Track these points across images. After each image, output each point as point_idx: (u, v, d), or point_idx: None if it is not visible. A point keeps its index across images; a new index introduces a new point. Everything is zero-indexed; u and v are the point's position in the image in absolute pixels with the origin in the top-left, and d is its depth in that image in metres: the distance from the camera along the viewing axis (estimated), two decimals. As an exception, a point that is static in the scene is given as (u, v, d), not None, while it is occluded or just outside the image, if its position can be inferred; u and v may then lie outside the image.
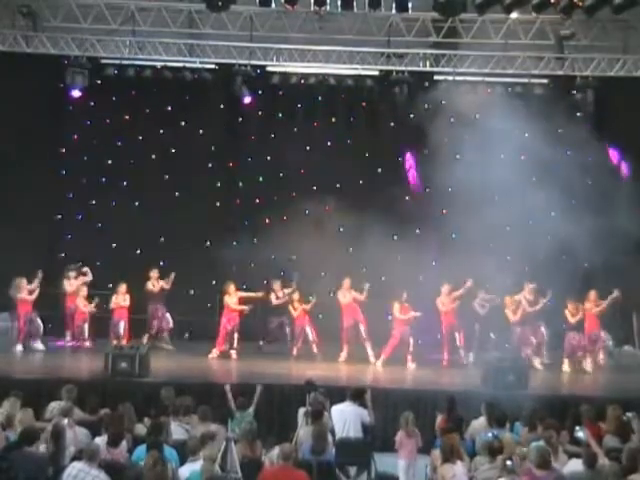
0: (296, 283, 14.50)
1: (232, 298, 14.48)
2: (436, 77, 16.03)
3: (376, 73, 16.17)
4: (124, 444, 8.46)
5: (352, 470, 9.54)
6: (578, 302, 14.09)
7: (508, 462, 7.72)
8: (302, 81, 16.54)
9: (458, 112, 15.14)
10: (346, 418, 9.78)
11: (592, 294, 14.17)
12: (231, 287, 14.52)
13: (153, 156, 16.61)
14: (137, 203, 16.47)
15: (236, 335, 14.36)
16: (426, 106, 15.76)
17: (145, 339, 14.78)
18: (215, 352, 14.33)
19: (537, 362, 14.15)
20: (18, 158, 15.63)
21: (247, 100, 15.51)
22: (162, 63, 15.72)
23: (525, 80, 15.66)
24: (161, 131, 16.57)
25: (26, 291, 14.31)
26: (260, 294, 14.64)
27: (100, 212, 16.22)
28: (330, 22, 14.92)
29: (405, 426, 9.55)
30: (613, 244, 13.76)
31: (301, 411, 9.89)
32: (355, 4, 14.10)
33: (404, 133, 16.54)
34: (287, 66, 15.93)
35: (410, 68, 15.48)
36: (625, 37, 14.94)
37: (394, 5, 14.30)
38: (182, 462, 8.09)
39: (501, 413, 9.54)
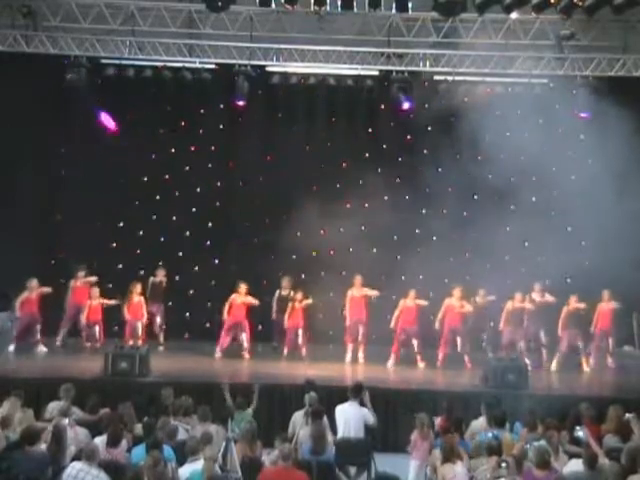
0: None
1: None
2: (436, 77, 16.03)
3: (376, 73, 16.14)
4: (124, 444, 8.47)
5: (352, 470, 9.54)
6: None
7: (503, 464, 7.71)
8: (302, 81, 16.50)
9: (458, 112, 15.16)
10: (347, 418, 9.75)
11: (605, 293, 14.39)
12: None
13: (153, 156, 16.60)
14: (137, 203, 16.46)
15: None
16: (426, 106, 15.77)
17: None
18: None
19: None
20: (18, 158, 15.62)
21: (241, 103, 15.48)
22: (162, 63, 15.70)
23: (525, 80, 15.65)
24: (161, 131, 16.57)
25: (35, 292, 14.31)
26: None
27: (100, 212, 16.19)
28: (330, 22, 14.87)
29: (421, 428, 9.55)
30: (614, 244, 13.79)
31: (297, 415, 9.89)
32: (355, 4, 14.07)
33: (403, 133, 16.55)
34: (287, 66, 15.87)
35: (410, 68, 15.46)
36: (625, 37, 14.91)
37: (394, 5, 14.28)
38: (182, 462, 8.10)
39: (501, 413, 9.55)
